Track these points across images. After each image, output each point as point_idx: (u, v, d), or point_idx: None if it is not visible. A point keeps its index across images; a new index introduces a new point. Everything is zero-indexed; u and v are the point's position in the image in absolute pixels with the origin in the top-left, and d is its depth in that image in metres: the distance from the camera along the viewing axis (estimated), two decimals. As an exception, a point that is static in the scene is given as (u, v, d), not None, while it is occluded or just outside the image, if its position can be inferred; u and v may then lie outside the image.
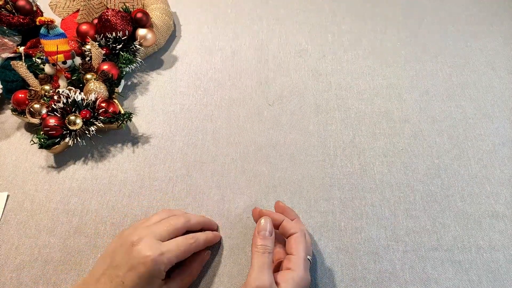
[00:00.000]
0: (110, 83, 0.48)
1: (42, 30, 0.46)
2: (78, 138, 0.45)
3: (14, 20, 0.50)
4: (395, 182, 0.45)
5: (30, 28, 0.52)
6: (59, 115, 0.44)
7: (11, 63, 0.46)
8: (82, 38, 0.52)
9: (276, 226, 0.36)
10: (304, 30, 0.60)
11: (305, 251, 0.34)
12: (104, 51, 0.50)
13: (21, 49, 0.50)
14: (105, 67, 0.48)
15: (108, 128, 0.48)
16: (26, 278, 0.38)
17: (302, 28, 0.61)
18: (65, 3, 0.57)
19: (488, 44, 0.59)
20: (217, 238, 0.40)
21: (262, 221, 0.35)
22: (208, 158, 0.47)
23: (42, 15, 0.54)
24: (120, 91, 0.51)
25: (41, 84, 0.47)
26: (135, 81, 0.54)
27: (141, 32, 0.52)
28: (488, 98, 0.53)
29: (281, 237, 0.38)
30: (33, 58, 0.50)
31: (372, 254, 0.40)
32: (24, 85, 0.48)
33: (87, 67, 0.48)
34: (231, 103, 0.52)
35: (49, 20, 0.45)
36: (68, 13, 0.58)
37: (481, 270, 0.39)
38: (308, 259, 0.35)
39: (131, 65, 0.52)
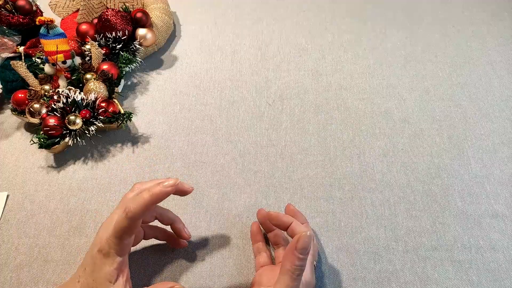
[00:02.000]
0: (110, 83, 0.48)
1: (42, 30, 0.46)
2: (78, 138, 0.45)
3: (14, 20, 0.50)
4: (395, 182, 0.45)
5: (30, 28, 0.52)
6: (59, 115, 0.44)
7: (11, 63, 0.46)
8: (82, 38, 0.52)
9: (285, 228, 0.35)
10: (304, 30, 0.60)
11: (313, 255, 0.34)
12: (104, 51, 0.50)
13: (21, 49, 0.50)
14: (105, 67, 0.48)
15: (108, 128, 0.48)
16: (26, 278, 0.38)
17: (302, 28, 0.61)
18: (65, 3, 0.57)
19: (488, 44, 0.59)
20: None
21: (308, 235, 0.29)
22: (208, 157, 0.47)
23: (42, 15, 0.54)
24: (120, 91, 0.51)
25: (41, 84, 0.47)
26: (135, 81, 0.54)
27: (141, 32, 0.52)
28: (488, 98, 0.53)
29: (284, 238, 0.38)
30: (33, 58, 0.50)
31: (372, 254, 0.40)
32: (24, 85, 0.48)
33: (87, 67, 0.48)
34: (231, 103, 0.52)
35: (48, 19, 0.45)
36: (68, 13, 0.58)
37: (481, 270, 0.39)
38: (314, 264, 0.34)
39: (131, 65, 0.52)
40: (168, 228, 0.38)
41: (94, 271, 0.30)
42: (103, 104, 0.46)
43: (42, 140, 0.43)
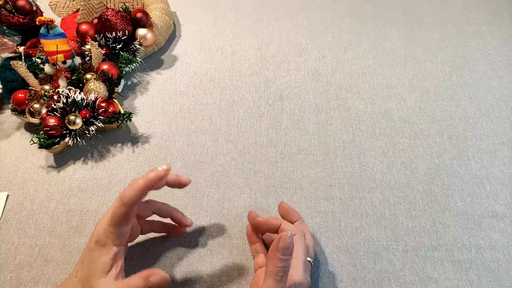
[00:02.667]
0: (110, 83, 0.48)
1: (42, 30, 0.46)
2: (78, 138, 0.45)
3: (14, 20, 0.50)
4: (395, 182, 0.45)
5: (30, 28, 0.52)
6: (59, 115, 0.44)
7: (11, 63, 0.46)
8: (82, 38, 0.52)
9: (275, 231, 0.35)
10: (304, 30, 0.60)
11: (304, 253, 0.33)
12: (104, 51, 0.50)
13: (21, 49, 0.50)
14: (105, 67, 0.48)
15: (108, 128, 0.48)
16: (26, 278, 0.38)
17: (302, 28, 0.61)
18: (65, 3, 0.57)
19: (488, 44, 0.59)
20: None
21: (288, 235, 0.29)
22: (208, 158, 0.47)
23: (42, 15, 0.54)
24: (120, 91, 0.51)
25: (41, 84, 0.47)
26: (135, 81, 0.54)
27: (141, 32, 0.52)
28: (488, 98, 0.53)
29: None
30: (33, 58, 0.50)
31: (372, 254, 0.40)
32: (24, 85, 0.48)
33: (87, 67, 0.48)
34: (231, 103, 0.52)
35: (49, 20, 0.45)
36: (68, 13, 0.58)
37: (481, 270, 0.39)
38: (309, 261, 0.34)
39: (131, 65, 0.52)
40: (167, 220, 0.39)
41: (90, 263, 0.30)
42: (103, 104, 0.46)
43: (42, 140, 0.43)
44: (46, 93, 0.46)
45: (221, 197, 0.44)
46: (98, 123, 0.45)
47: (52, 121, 0.43)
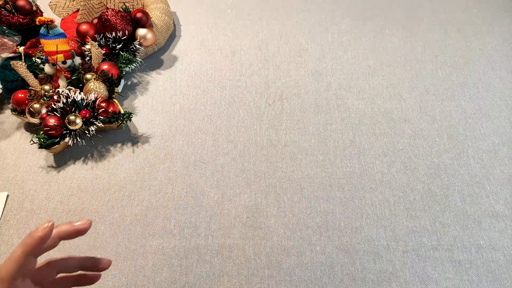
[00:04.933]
0: (110, 83, 0.48)
1: (42, 30, 0.46)
2: (78, 138, 0.45)
3: (14, 20, 0.50)
4: (395, 182, 0.45)
5: (30, 28, 0.52)
6: (59, 115, 0.44)
7: (11, 63, 0.46)
8: (82, 38, 0.52)
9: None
10: (304, 30, 0.60)
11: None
12: (104, 51, 0.50)
13: (21, 49, 0.50)
14: (105, 67, 0.48)
15: (108, 128, 0.48)
16: (26, 278, 0.38)
17: (302, 28, 0.61)
18: (65, 3, 0.57)
19: (488, 44, 0.59)
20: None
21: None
22: (208, 158, 0.47)
23: (42, 15, 0.54)
24: (120, 91, 0.51)
25: (41, 84, 0.47)
26: (135, 81, 0.54)
27: (141, 32, 0.52)
28: (488, 98, 0.53)
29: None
30: (33, 58, 0.50)
31: (372, 254, 0.40)
32: (24, 85, 0.48)
33: (87, 67, 0.48)
34: (231, 103, 0.52)
35: (49, 20, 0.45)
36: (68, 13, 0.58)
37: (481, 270, 0.39)
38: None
39: (131, 65, 0.52)
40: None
41: None
42: (103, 104, 0.46)
43: (42, 140, 0.43)
44: (46, 93, 0.46)
45: (221, 197, 0.44)
46: (98, 123, 0.45)
47: (52, 121, 0.43)
